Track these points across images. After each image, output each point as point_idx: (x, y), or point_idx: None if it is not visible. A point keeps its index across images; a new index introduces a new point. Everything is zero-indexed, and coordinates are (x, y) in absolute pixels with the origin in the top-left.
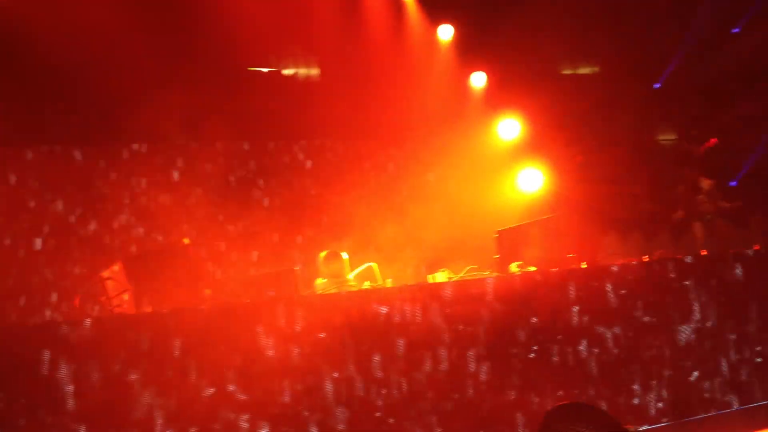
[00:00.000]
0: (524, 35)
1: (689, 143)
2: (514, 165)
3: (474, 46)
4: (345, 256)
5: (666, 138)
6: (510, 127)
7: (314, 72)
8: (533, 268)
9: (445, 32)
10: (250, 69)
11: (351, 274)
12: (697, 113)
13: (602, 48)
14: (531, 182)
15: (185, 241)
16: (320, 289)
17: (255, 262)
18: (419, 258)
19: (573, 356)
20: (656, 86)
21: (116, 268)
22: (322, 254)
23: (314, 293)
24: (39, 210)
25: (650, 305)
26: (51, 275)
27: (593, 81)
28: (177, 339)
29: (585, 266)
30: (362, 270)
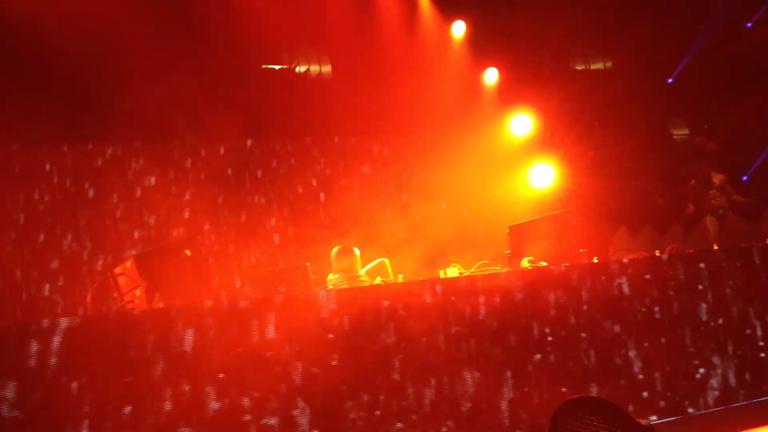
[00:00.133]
0: (537, 31)
1: (701, 138)
2: (526, 161)
3: (487, 43)
4: (357, 252)
5: (678, 133)
6: (522, 123)
7: (326, 69)
8: (544, 264)
9: (458, 28)
10: (264, 66)
11: (363, 270)
12: (710, 108)
13: (615, 43)
14: (543, 178)
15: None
16: (332, 285)
17: (263, 258)
18: (429, 253)
19: (583, 351)
20: (669, 81)
21: (128, 265)
22: (335, 250)
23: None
24: (47, 205)
25: (660, 300)
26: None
27: (606, 76)
28: (188, 334)
29: (596, 261)
30: (374, 265)
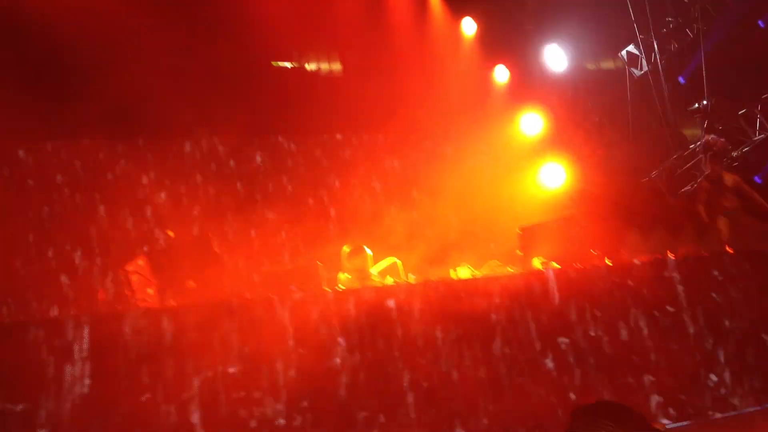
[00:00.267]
0: (546, 29)
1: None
2: (537, 160)
3: (497, 41)
4: (369, 252)
5: (689, 132)
6: (532, 122)
7: (336, 67)
8: (556, 265)
9: (468, 27)
10: (274, 64)
11: (374, 270)
12: (722, 107)
13: (624, 41)
14: (553, 178)
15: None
16: (343, 284)
17: (271, 257)
18: (437, 252)
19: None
20: (680, 80)
21: (141, 263)
22: (346, 249)
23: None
24: (59, 203)
25: (671, 303)
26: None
27: (614, 75)
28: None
29: (609, 263)
30: (386, 266)
